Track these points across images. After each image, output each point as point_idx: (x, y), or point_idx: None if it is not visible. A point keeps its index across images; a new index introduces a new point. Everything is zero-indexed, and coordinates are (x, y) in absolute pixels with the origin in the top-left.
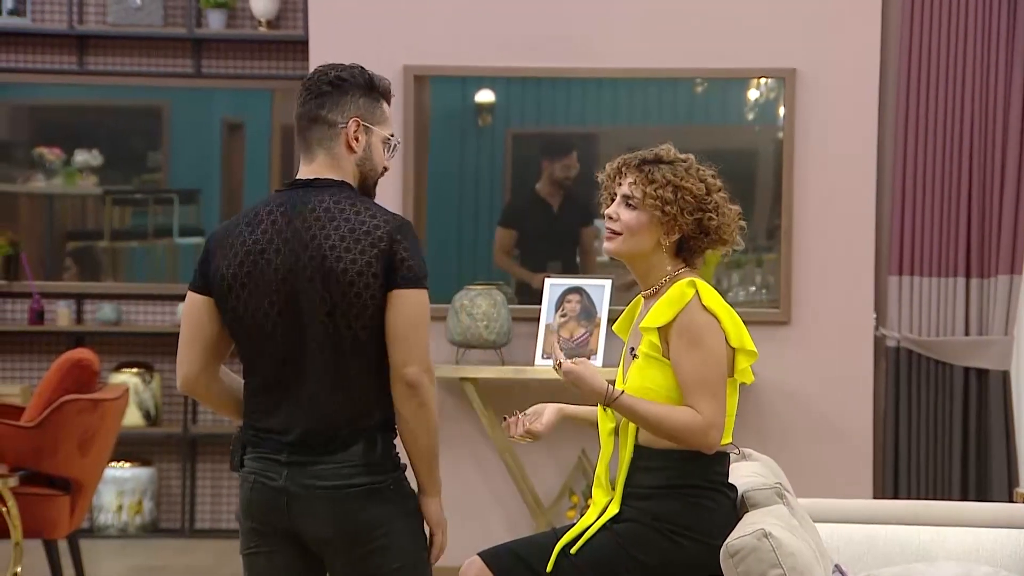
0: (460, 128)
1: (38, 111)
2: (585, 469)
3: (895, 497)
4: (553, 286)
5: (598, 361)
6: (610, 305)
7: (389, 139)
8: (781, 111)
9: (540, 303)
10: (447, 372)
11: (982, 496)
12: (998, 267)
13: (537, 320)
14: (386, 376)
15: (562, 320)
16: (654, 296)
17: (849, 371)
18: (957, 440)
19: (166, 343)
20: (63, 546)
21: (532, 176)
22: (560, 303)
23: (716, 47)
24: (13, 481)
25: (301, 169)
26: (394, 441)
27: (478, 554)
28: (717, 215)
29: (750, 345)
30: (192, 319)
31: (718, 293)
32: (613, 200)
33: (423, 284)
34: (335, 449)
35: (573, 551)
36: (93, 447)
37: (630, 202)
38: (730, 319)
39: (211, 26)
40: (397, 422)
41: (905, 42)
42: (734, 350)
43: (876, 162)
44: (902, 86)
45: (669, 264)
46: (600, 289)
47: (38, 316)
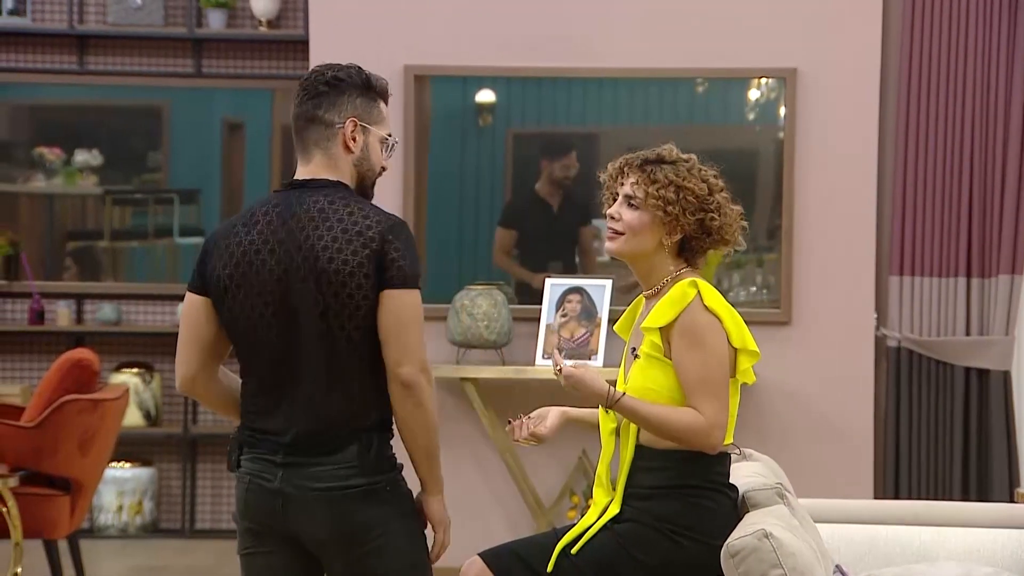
0: (460, 128)
1: (38, 111)
2: (586, 469)
3: (896, 497)
4: (554, 286)
5: (599, 361)
6: (611, 305)
7: (387, 139)
8: (782, 111)
9: (540, 303)
10: (447, 372)
11: (983, 496)
12: (999, 267)
13: (538, 320)
14: (382, 376)
15: (563, 320)
16: (656, 296)
17: (850, 371)
18: (958, 440)
19: (166, 343)
20: (63, 546)
21: (532, 176)
22: (561, 303)
23: (717, 47)
24: (13, 481)
25: (298, 169)
26: (391, 442)
27: (479, 554)
28: (719, 215)
29: (752, 345)
30: (190, 320)
31: (720, 293)
32: (615, 200)
33: (414, 284)
34: (331, 450)
35: (574, 551)
36: (93, 447)
37: (632, 202)
38: (732, 319)
39: (211, 26)
40: (396, 422)
41: (906, 42)
42: (736, 350)
43: (877, 162)
44: (903, 86)
45: (671, 264)
46: (601, 289)
47: (38, 316)
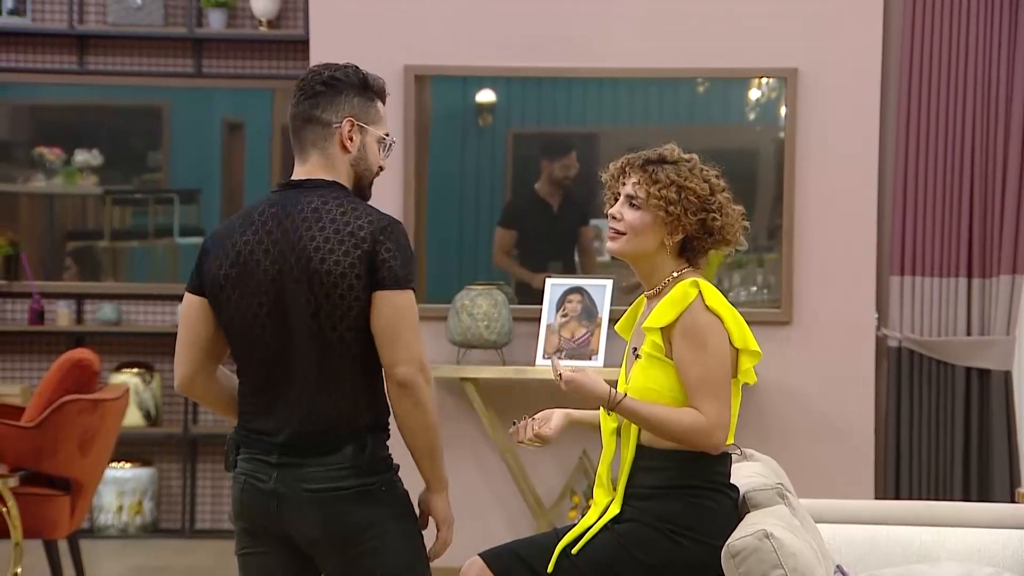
0: (460, 128)
1: (38, 111)
2: (586, 469)
3: (896, 497)
4: (554, 286)
5: (599, 361)
6: (611, 305)
7: (384, 138)
8: (782, 111)
9: (540, 303)
10: (448, 372)
11: (984, 496)
12: (1000, 267)
13: (538, 320)
14: (375, 377)
15: (563, 320)
16: (657, 296)
17: (850, 371)
18: (959, 440)
19: (166, 343)
20: (63, 546)
21: (532, 176)
22: (561, 303)
23: (717, 47)
24: (13, 481)
25: (296, 169)
26: (387, 442)
27: (479, 554)
28: (721, 215)
29: (753, 345)
30: (188, 320)
31: (721, 293)
32: (616, 200)
33: (406, 285)
34: (325, 451)
35: (574, 551)
36: (93, 447)
37: (634, 202)
38: (733, 319)
39: (211, 26)
40: (396, 421)
41: (906, 41)
42: (737, 350)
43: (877, 162)
44: (903, 86)
45: (672, 264)
46: (601, 289)
47: (38, 316)
